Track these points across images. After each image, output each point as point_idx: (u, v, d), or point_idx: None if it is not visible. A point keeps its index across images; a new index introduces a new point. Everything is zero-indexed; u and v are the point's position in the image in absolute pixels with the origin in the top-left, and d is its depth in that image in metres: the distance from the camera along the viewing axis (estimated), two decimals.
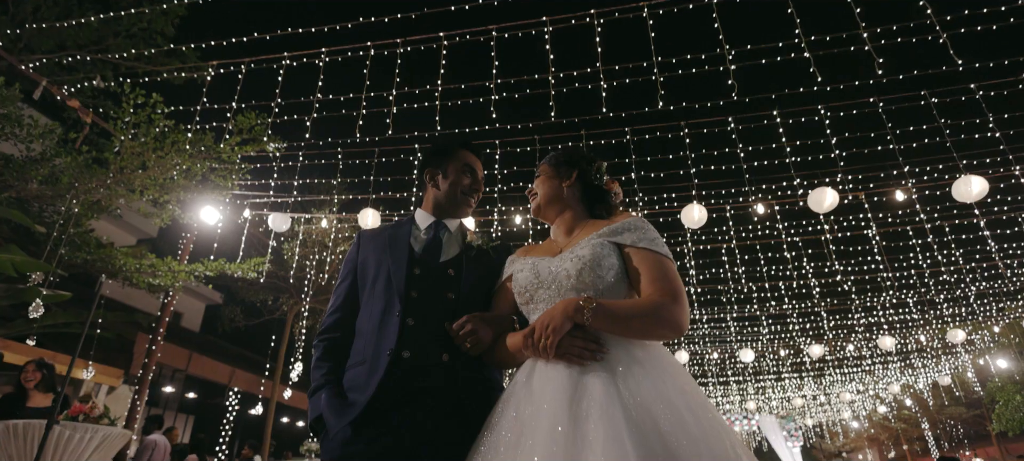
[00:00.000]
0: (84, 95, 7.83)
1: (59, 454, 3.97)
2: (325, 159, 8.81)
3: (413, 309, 1.59)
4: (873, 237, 9.35)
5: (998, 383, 14.06)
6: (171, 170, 6.62)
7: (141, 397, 8.12)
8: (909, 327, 12.99)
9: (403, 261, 1.69)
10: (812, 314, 12.43)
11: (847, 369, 14.93)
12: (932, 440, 19.71)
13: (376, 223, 8.03)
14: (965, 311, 12.39)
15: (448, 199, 1.85)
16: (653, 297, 1.38)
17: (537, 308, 1.51)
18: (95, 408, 4.41)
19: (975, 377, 14.93)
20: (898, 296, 11.69)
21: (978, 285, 11.45)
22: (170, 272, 7.71)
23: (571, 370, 1.29)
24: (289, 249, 10.23)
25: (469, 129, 7.41)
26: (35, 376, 4.61)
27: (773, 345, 13.68)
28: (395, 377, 1.49)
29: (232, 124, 6.77)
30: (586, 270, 1.43)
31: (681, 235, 9.79)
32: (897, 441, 23.19)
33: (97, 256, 7.15)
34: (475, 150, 1.96)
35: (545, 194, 1.75)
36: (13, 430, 3.97)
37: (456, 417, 1.49)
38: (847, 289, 11.37)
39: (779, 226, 9.07)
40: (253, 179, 8.39)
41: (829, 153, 7.51)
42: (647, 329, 1.35)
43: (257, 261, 8.40)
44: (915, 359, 14.39)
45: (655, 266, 1.43)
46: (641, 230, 1.51)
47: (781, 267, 10.75)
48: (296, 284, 11.09)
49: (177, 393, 15.35)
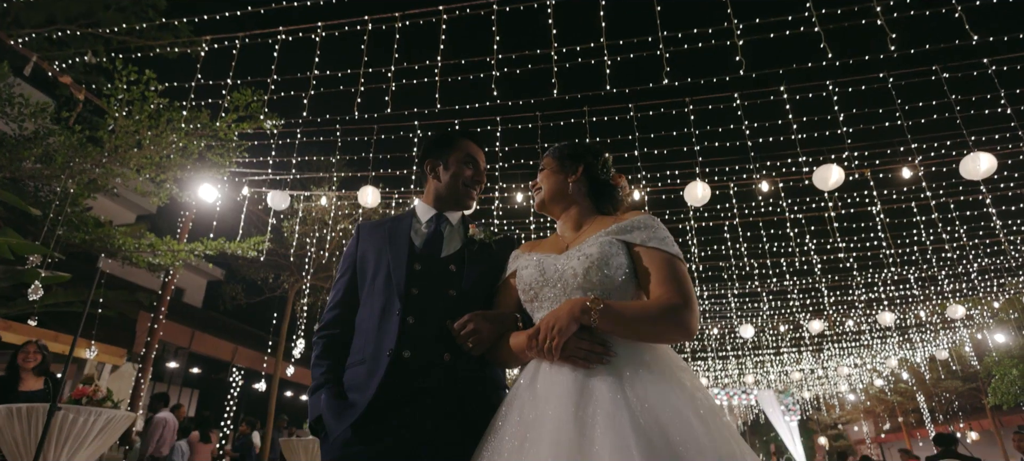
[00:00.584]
0: (76, 71, 7.65)
1: (63, 437, 3.98)
2: (323, 136, 8.70)
3: (413, 307, 1.54)
4: (877, 214, 9.29)
5: (995, 358, 14.17)
6: (167, 148, 6.52)
7: (145, 375, 8.16)
8: (909, 303, 13.03)
9: (403, 256, 1.64)
10: (812, 290, 12.45)
11: (846, 344, 15.04)
12: (927, 413, 20.00)
13: (376, 201, 7.96)
14: (965, 287, 12.40)
15: (449, 191, 1.79)
16: (663, 299, 1.32)
17: (542, 306, 1.46)
18: (98, 391, 4.40)
19: (973, 351, 15.05)
20: (900, 273, 11.68)
21: (980, 261, 11.43)
22: (170, 252, 7.67)
23: (576, 373, 1.25)
24: (289, 227, 10.18)
25: (469, 106, 7.28)
26: (35, 358, 4.58)
27: (773, 321, 13.75)
28: (395, 377, 1.45)
29: (227, 102, 6.64)
30: (594, 269, 1.38)
31: (683, 212, 9.73)
32: (892, 414, 23.54)
33: (95, 235, 7.10)
34: (477, 140, 1.89)
35: (550, 189, 1.69)
36: (17, 413, 3.97)
37: (457, 417, 1.45)
38: (849, 266, 11.36)
39: (783, 203, 9.00)
40: (251, 156, 8.29)
41: (836, 129, 7.39)
42: (656, 332, 1.31)
43: (257, 240, 8.35)
44: (913, 334, 14.47)
45: (665, 267, 1.37)
46: (651, 229, 1.45)
47: (783, 244, 10.72)
48: (297, 262, 11.07)
49: (181, 368, 15.50)
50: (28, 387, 4.53)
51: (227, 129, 7.02)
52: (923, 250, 10.69)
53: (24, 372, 4.57)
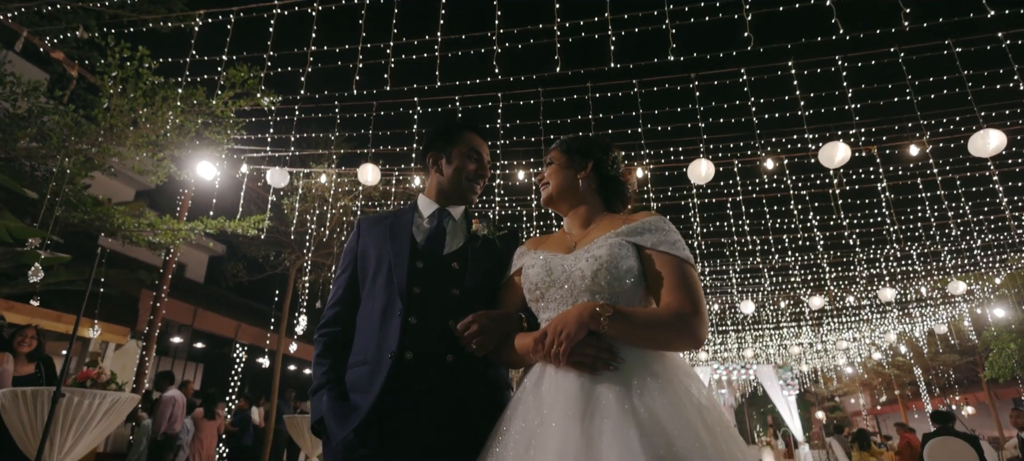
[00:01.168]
0: (68, 46, 7.50)
1: (69, 420, 4.00)
2: (322, 113, 8.57)
3: (415, 307, 1.51)
4: (882, 191, 9.21)
5: (994, 332, 14.25)
6: (163, 126, 6.42)
7: (149, 353, 8.21)
8: (911, 278, 13.03)
9: (404, 254, 1.60)
10: (814, 266, 12.45)
11: (846, 318, 15.11)
12: (923, 385, 20.23)
13: (376, 179, 7.88)
14: (967, 262, 12.39)
15: (452, 185, 1.75)
16: (673, 307, 1.29)
17: (548, 307, 1.43)
18: (103, 374, 4.42)
19: (971, 326, 15.13)
20: (902, 248, 11.66)
21: (984, 237, 11.39)
22: (170, 230, 7.63)
23: (582, 379, 1.22)
24: (289, 204, 10.11)
25: (470, 82, 7.15)
26: (30, 343, 4.58)
27: (774, 296, 13.79)
28: (398, 379, 1.43)
29: (223, 79, 6.51)
30: (602, 271, 1.34)
31: (686, 189, 9.64)
32: (889, 386, 23.84)
33: (94, 215, 7.05)
34: (481, 132, 1.85)
35: (558, 185, 1.64)
36: (21, 396, 3.99)
37: (461, 418, 1.44)
38: (852, 243, 11.32)
39: (787, 180, 8.91)
40: (249, 133, 8.19)
41: (843, 105, 7.27)
42: (665, 340, 1.28)
43: (257, 218, 8.30)
44: (913, 309, 14.53)
45: (676, 273, 1.34)
46: (662, 231, 1.41)
47: (786, 220, 10.66)
48: (297, 239, 11.04)
49: (185, 344, 15.64)
50: (20, 372, 4.54)
51: (224, 106, 6.90)
52: (927, 226, 10.64)
53: (17, 356, 4.58)
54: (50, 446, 3.82)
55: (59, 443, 3.96)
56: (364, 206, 10.95)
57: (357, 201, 10.60)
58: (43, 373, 4.61)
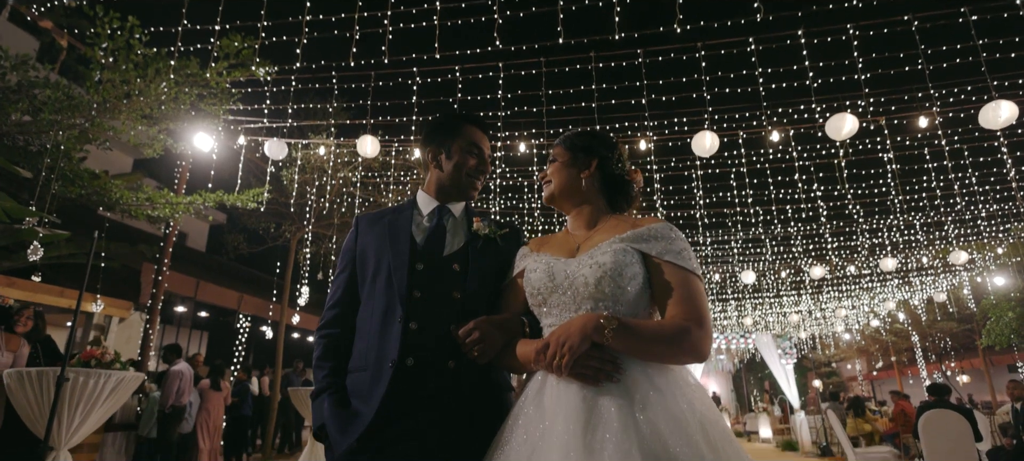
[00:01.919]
0: (56, 14, 7.29)
1: (75, 400, 4.04)
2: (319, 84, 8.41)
3: (416, 312, 1.48)
4: (888, 162, 9.10)
5: (992, 300, 14.33)
6: (157, 98, 6.28)
7: (153, 325, 8.27)
8: (913, 248, 13.02)
9: (404, 256, 1.56)
10: (816, 236, 12.42)
11: (846, 287, 15.18)
12: (920, 352, 20.48)
13: (376, 151, 7.77)
14: (970, 231, 12.35)
15: (452, 182, 1.70)
16: (678, 321, 1.27)
17: (551, 313, 1.40)
18: (107, 354, 4.44)
19: (971, 294, 15.20)
20: (906, 218, 11.60)
21: (988, 207, 11.32)
22: (169, 204, 7.57)
23: (585, 391, 1.20)
24: (288, 176, 10.03)
25: (470, 52, 6.97)
26: (26, 324, 4.61)
27: (775, 266, 13.81)
28: (399, 386, 1.41)
29: (217, 49, 6.34)
30: (606, 279, 1.31)
31: (690, 159, 9.52)
32: (886, 352, 24.14)
33: (91, 188, 6.97)
34: (482, 125, 1.78)
35: (560, 184, 1.59)
36: (27, 377, 4.01)
37: (463, 424, 1.42)
38: (855, 213, 11.26)
39: (792, 151, 8.79)
40: (246, 104, 8.05)
41: (853, 75, 7.10)
42: (668, 355, 1.27)
43: (256, 191, 8.23)
44: (914, 277, 14.57)
45: (683, 285, 1.31)
46: (668, 239, 1.37)
47: (789, 190, 10.58)
48: (297, 211, 10.99)
49: (189, 313, 15.77)
50: None
51: (218, 77, 6.75)
52: (932, 197, 10.55)
53: (15, 336, 4.61)
54: (58, 425, 3.86)
55: (66, 422, 4.01)
56: (364, 176, 10.86)
57: (357, 172, 10.50)
58: (41, 354, 4.64)
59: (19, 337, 4.35)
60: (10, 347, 4.19)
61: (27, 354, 4.33)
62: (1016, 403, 7.07)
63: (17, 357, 4.23)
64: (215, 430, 7.65)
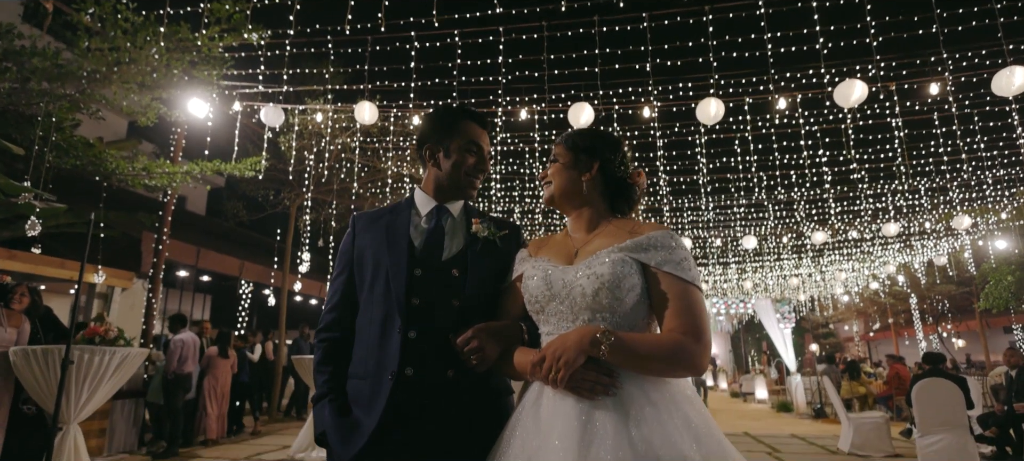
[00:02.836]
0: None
1: (82, 377, 4.09)
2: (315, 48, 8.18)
3: (415, 320, 1.47)
4: (897, 128, 8.93)
5: (993, 265, 14.35)
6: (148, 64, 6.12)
7: (156, 294, 8.32)
8: (916, 212, 12.96)
9: (402, 261, 1.53)
10: (819, 201, 12.34)
11: (847, 251, 15.19)
12: (917, 314, 20.67)
13: (374, 118, 7.63)
14: (975, 196, 12.26)
15: (450, 181, 1.65)
16: (675, 335, 1.26)
17: (549, 321, 1.39)
18: (110, 331, 4.47)
19: (972, 257, 15.23)
20: (911, 184, 11.50)
21: (995, 172, 11.19)
22: (165, 174, 7.49)
23: (581, 405, 1.21)
24: (286, 142, 9.89)
25: (469, 15, 6.75)
26: (22, 301, 4.61)
27: (777, 230, 13.78)
28: (399, 396, 1.42)
29: (208, 14, 6.13)
30: (603, 291, 1.29)
31: (694, 125, 9.36)
32: (883, 314, 24.39)
33: (86, 158, 6.89)
34: (481, 120, 1.71)
35: (560, 186, 1.55)
36: (33, 355, 4.05)
37: (462, 431, 1.44)
38: (860, 178, 11.15)
39: (799, 117, 8.62)
40: (240, 70, 7.86)
41: (864, 39, 6.88)
42: (666, 370, 1.27)
43: (254, 160, 8.14)
44: (916, 241, 14.55)
45: (681, 297, 1.29)
46: (669, 249, 1.34)
47: (794, 155, 10.44)
48: (296, 177, 10.90)
49: (191, 277, 15.87)
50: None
51: (210, 43, 6.56)
52: (938, 162, 10.42)
53: (12, 314, 4.62)
54: (66, 402, 3.92)
55: (74, 399, 4.07)
56: (363, 142, 10.71)
57: (355, 137, 10.35)
58: (40, 329, 4.67)
59: (19, 313, 4.36)
60: (12, 323, 4.21)
61: (28, 330, 4.35)
62: (1012, 370, 7.16)
63: (20, 332, 4.25)
64: (222, 397, 7.80)
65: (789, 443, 8.38)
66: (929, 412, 6.18)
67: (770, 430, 9.91)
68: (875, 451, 7.19)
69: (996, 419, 6.85)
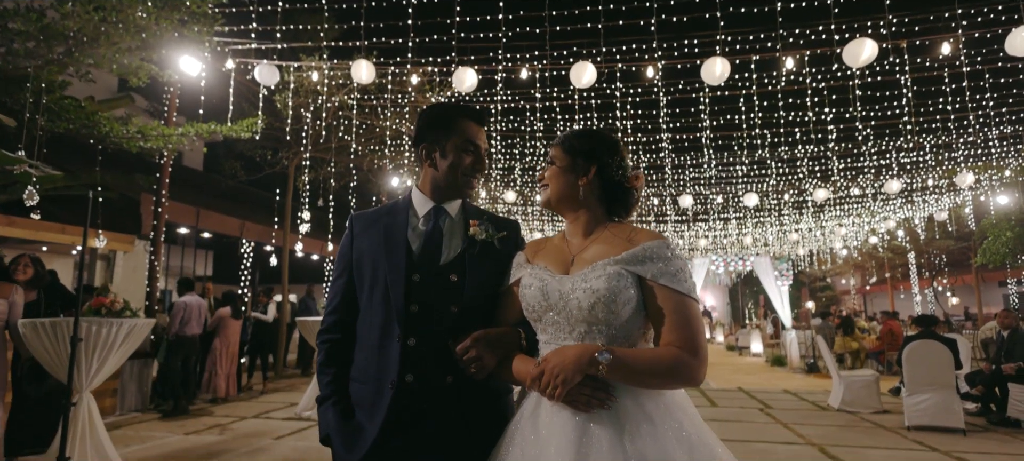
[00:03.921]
0: None
1: (91, 349, 4.17)
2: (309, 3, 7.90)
3: (414, 327, 1.49)
4: (904, 83, 8.74)
5: (992, 220, 14.37)
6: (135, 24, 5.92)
7: (158, 257, 8.37)
8: (920, 169, 12.87)
9: (400, 267, 1.54)
10: (822, 157, 12.23)
11: (848, 207, 15.17)
12: (914, 268, 20.85)
13: (371, 76, 7.46)
14: (981, 152, 12.13)
15: (447, 181, 1.64)
16: (672, 350, 1.28)
17: (546, 330, 1.42)
18: (116, 302, 4.52)
19: (972, 213, 15.23)
20: (916, 141, 11.35)
21: (1002, 128, 11.03)
22: (161, 136, 7.39)
23: (577, 418, 1.26)
24: (282, 100, 9.70)
25: None
26: (25, 272, 4.64)
27: (779, 187, 13.72)
28: (400, 403, 1.46)
29: None
30: (599, 305, 1.31)
31: (699, 82, 9.15)
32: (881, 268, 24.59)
33: (79, 122, 6.78)
34: (478, 118, 1.68)
35: (557, 190, 1.54)
36: (42, 328, 4.11)
37: (461, 433, 1.48)
38: (866, 135, 11.00)
39: (806, 75, 8.42)
40: (232, 25, 7.63)
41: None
42: (663, 384, 1.30)
43: (250, 122, 8.01)
44: (917, 197, 14.52)
45: (677, 310, 1.31)
46: (664, 261, 1.35)
47: (799, 113, 10.26)
48: (293, 136, 10.76)
49: (192, 234, 15.94)
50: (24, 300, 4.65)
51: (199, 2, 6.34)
52: (945, 119, 10.25)
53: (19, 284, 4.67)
54: (78, 373, 4.01)
55: (86, 370, 4.16)
56: (360, 99, 10.51)
57: (353, 95, 10.15)
58: (42, 300, 4.72)
59: (11, 285, 4.38)
60: (2, 294, 4.24)
61: (22, 301, 4.39)
62: (1004, 331, 7.29)
63: (12, 305, 4.28)
64: (232, 357, 8.02)
65: (781, 399, 8.63)
66: (918, 372, 6.34)
67: (763, 385, 10.19)
68: (864, 407, 7.41)
69: (983, 377, 7.02)
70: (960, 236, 18.04)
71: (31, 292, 4.71)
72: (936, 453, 5.32)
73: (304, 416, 6.88)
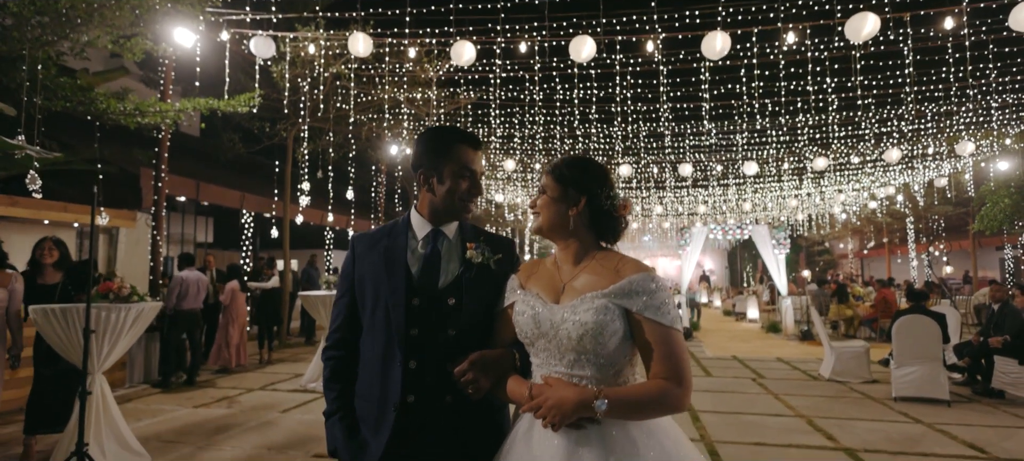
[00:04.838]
0: None
1: (101, 334, 4.29)
2: None
3: (414, 350, 1.59)
4: (907, 54, 8.63)
5: (991, 186, 14.38)
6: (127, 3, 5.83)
7: (160, 231, 8.45)
8: (921, 137, 12.80)
9: (400, 291, 1.63)
10: (823, 127, 12.16)
11: (848, 173, 15.16)
12: (912, 233, 20.94)
13: (368, 49, 7.40)
14: (983, 120, 12.05)
15: (445, 205, 1.71)
16: (660, 382, 1.38)
17: (538, 354, 1.52)
18: (124, 287, 4.63)
19: (972, 179, 15.23)
20: (917, 109, 11.26)
21: (1004, 97, 10.94)
22: (158, 112, 7.36)
23: (568, 439, 1.37)
24: (278, 72, 9.59)
25: None
26: (52, 254, 4.74)
27: (778, 155, 13.68)
28: (402, 422, 1.56)
29: None
30: (587, 337, 1.41)
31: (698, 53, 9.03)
32: (879, 232, 24.70)
33: (75, 100, 6.74)
34: (473, 142, 1.74)
35: (549, 219, 1.62)
36: (52, 314, 4.22)
37: (461, 444, 1.59)
38: (867, 105, 10.91)
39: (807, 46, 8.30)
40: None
41: None
42: (653, 414, 1.41)
43: (247, 96, 7.95)
44: (918, 164, 14.49)
45: (663, 342, 1.40)
46: (649, 294, 1.43)
47: (800, 83, 10.16)
48: (291, 108, 10.67)
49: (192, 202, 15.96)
50: (48, 280, 4.76)
51: None
52: (947, 88, 10.15)
53: (45, 267, 4.78)
54: (90, 359, 4.14)
55: (97, 355, 4.30)
56: (358, 70, 10.39)
57: (350, 65, 10.03)
58: (66, 285, 4.82)
59: (10, 273, 4.48)
60: (1, 283, 4.33)
61: (21, 289, 4.48)
62: (994, 304, 7.42)
63: (11, 292, 4.37)
64: (241, 329, 8.21)
65: (774, 368, 8.87)
66: (907, 346, 6.51)
67: (757, 353, 10.43)
68: (853, 377, 7.64)
69: (970, 349, 7.21)
70: (958, 202, 18.07)
71: (57, 273, 4.83)
72: (919, 425, 5.53)
73: (309, 387, 7.09)
